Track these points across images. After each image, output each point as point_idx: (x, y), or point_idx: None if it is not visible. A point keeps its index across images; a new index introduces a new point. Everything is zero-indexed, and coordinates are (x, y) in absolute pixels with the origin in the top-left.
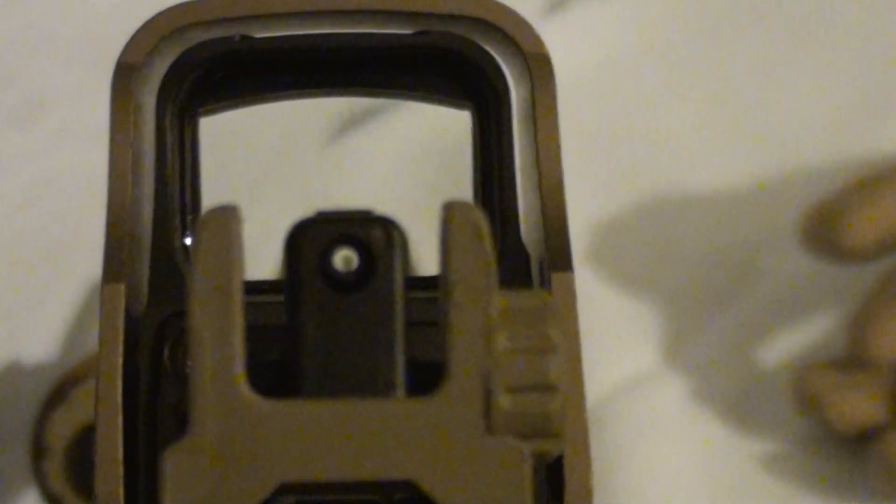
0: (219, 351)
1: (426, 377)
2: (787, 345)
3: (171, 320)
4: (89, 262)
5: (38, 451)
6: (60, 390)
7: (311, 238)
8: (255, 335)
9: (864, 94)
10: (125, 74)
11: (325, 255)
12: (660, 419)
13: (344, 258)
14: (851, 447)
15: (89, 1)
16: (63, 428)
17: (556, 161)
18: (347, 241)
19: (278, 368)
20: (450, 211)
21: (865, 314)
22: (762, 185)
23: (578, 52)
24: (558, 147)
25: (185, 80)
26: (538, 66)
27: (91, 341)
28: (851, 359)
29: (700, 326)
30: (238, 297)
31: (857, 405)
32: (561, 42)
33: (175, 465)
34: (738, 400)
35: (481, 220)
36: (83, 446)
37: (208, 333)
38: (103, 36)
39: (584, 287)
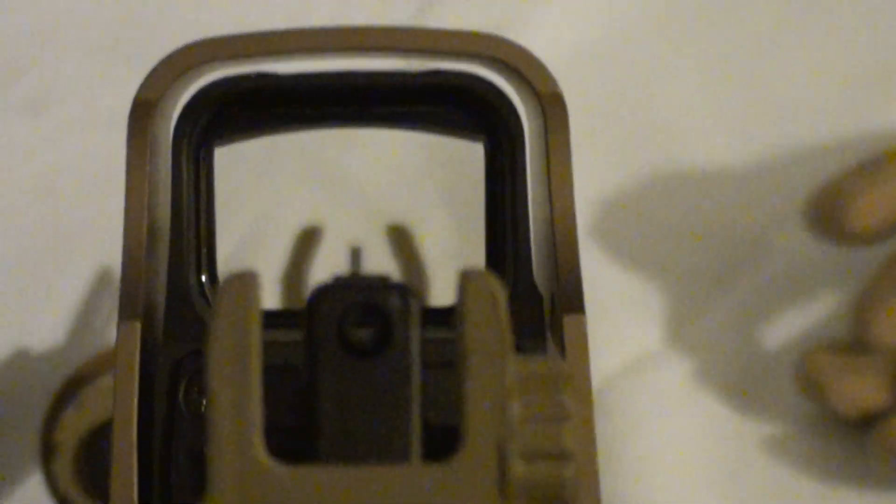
0: (237, 418)
1: (442, 437)
2: (790, 326)
3: (186, 359)
4: (99, 250)
5: (48, 451)
6: (69, 389)
7: (329, 304)
8: (270, 375)
9: (870, 71)
10: (142, 111)
11: (343, 321)
12: (663, 398)
13: (361, 324)
14: (853, 430)
15: None
16: (72, 428)
17: (569, 203)
18: (365, 307)
19: (296, 431)
20: (466, 280)
21: (869, 298)
22: (766, 163)
23: (581, 27)
24: (571, 188)
25: (203, 116)
26: (552, 107)
27: (99, 328)
28: (855, 342)
29: (704, 306)
30: (256, 365)
31: (860, 389)
32: (563, 18)
33: None
34: (741, 380)
35: (497, 288)
36: (92, 446)
37: (226, 400)
38: (115, 27)
39: (588, 266)
